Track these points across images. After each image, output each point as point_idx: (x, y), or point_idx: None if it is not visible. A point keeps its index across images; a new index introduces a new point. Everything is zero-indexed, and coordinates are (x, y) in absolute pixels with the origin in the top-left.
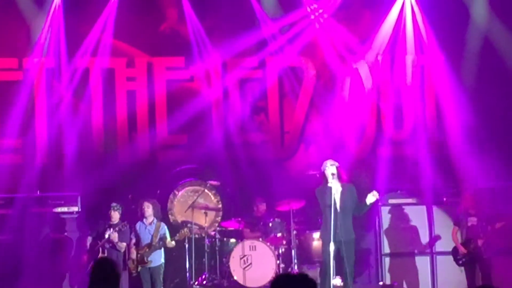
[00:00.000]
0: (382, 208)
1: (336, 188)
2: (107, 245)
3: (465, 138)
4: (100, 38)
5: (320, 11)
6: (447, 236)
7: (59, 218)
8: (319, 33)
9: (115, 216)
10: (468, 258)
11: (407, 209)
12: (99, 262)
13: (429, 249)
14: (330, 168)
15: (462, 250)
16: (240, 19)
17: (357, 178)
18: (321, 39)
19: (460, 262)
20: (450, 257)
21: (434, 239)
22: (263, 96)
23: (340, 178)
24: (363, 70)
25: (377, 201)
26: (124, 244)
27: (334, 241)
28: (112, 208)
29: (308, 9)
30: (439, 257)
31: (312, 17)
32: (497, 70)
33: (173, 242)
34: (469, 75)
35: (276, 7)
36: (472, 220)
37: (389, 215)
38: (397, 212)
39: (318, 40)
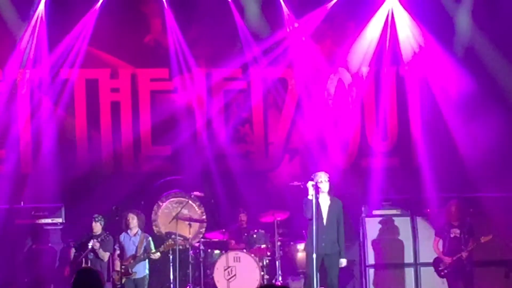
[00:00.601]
0: (366, 219)
1: (324, 201)
2: (90, 256)
3: (449, 148)
4: (82, 49)
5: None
6: (431, 247)
7: (43, 229)
8: (302, 45)
9: (97, 227)
10: (451, 269)
11: (391, 220)
12: (82, 271)
13: (414, 260)
14: (324, 183)
15: (446, 260)
16: (224, 30)
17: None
18: (305, 52)
19: (442, 273)
20: None
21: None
22: (247, 107)
23: (330, 191)
24: (347, 80)
25: (361, 212)
26: (107, 253)
27: (319, 254)
28: (94, 219)
29: (288, 30)
30: (423, 268)
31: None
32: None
33: (158, 254)
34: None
35: (260, 24)
36: (455, 232)
37: (373, 226)
38: (381, 223)
39: (302, 52)
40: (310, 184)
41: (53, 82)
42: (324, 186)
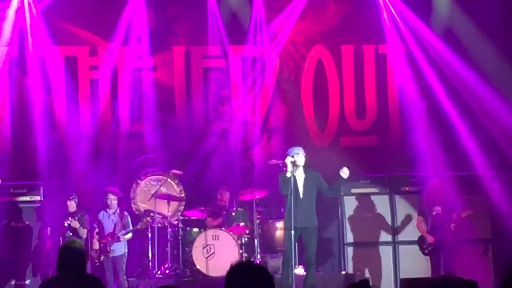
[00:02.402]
0: (345, 197)
1: (300, 175)
2: (68, 234)
3: (428, 126)
4: (62, 27)
5: None
6: (410, 225)
7: (21, 207)
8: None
9: (72, 205)
10: (434, 247)
11: (370, 199)
12: (65, 245)
13: (392, 239)
14: (300, 156)
15: (430, 238)
16: (204, 8)
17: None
18: (284, 30)
19: (426, 251)
20: (413, 247)
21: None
22: (226, 86)
23: (305, 165)
24: (325, 58)
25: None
26: (85, 230)
27: (296, 228)
28: (68, 197)
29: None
30: (401, 247)
31: None
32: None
33: (129, 235)
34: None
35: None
36: (437, 209)
37: (352, 205)
38: (360, 201)
39: (281, 31)
40: (289, 160)
41: (32, 60)
42: (300, 159)
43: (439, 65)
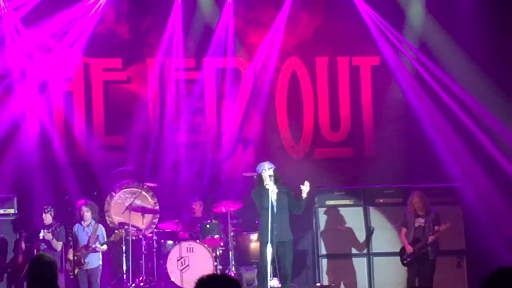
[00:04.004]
0: (319, 209)
1: (272, 190)
2: (42, 246)
3: (405, 137)
4: (35, 38)
5: None
6: (384, 237)
7: None
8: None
9: (48, 218)
10: (414, 258)
11: (344, 210)
12: (35, 259)
13: (366, 250)
14: (268, 171)
15: (409, 248)
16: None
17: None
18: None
19: (405, 261)
20: (387, 258)
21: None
22: (200, 97)
23: (276, 180)
24: (299, 70)
25: (313, 202)
26: (60, 243)
27: (272, 243)
28: (44, 210)
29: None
30: (376, 258)
31: None
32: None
33: (105, 246)
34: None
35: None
36: (419, 221)
37: (326, 216)
38: (334, 213)
39: (257, 42)
40: (266, 174)
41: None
42: (268, 174)
43: (417, 73)
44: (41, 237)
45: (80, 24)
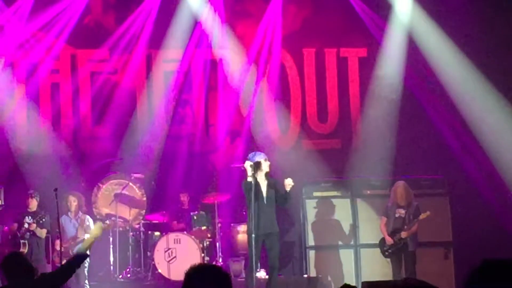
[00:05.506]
0: (307, 201)
1: (262, 181)
2: (27, 235)
3: (393, 128)
4: (23, 30)
5: None
6: (371, 229)
7: None
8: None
9: (33, 203)
10: (394, 249)
11: (331, 202)
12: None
13: (354, 242)
14: (264, 163)
15: (388, 240)
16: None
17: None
18: (247, 34)
19: (386, 253)
20: (374, 250)
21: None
22: (188, 89)
23: (266, 171)
24: (286, 62)
25: (301, 193)
26: (44, 230)
27: (259, 234)
28: (30, 195)
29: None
30: (363, 250)
31: None
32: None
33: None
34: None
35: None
36: (400, 212)
37: (314, 208)
38: (322, 205)
39: (245, 33)
40: (248, 164)
41: None
42: (265, 165)
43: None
44: (26, 226)
45: (67, 15)
